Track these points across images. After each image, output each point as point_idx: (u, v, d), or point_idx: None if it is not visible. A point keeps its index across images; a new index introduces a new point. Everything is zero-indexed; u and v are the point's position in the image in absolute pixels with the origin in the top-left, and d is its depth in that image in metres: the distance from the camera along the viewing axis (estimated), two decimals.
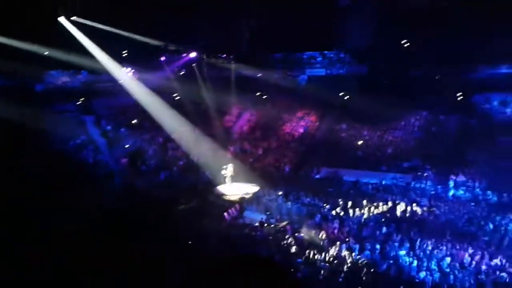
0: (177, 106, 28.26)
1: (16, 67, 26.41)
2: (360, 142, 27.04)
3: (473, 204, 20.38)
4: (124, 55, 29.44)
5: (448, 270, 14.46)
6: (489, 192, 21.28)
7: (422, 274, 14.30)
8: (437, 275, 14.20)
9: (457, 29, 22.91)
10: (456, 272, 14.28)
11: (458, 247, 15.80)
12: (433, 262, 14.88)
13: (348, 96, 29.23)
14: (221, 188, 21.85)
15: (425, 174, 23.47)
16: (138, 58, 29.32)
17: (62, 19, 26.37)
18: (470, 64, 25.49)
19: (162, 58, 30.04)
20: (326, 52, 29.73)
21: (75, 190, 16.03)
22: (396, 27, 24.95)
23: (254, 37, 28.75)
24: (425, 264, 14.82)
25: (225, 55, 30.92)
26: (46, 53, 26.92)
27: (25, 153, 20.31)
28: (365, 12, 26.36)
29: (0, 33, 24.64)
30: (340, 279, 14.11)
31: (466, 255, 15.29)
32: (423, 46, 25.63)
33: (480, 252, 15.34)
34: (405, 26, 24.71)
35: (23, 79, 27.31)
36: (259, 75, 31.47)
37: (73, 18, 26.67)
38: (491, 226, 17.54)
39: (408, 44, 26.30)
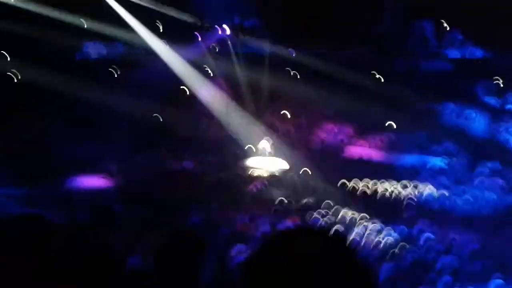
0: (210, 82, 28.47)
1: (56, 37, 27.10)
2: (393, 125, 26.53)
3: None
4: (160, 28, 29.77)
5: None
6: None
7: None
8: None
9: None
10: None
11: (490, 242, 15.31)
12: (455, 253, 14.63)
13: (377, 79, 28.78)
14: (249, 162, 22.04)
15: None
16: (173, 33, 29.55)
17: None
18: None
19: (197, 34, 30.12)
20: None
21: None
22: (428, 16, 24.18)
23: (286, 20, 28.59)
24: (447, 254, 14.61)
25: (259, 33, 30.80)
26: (84, 24, 27.50)
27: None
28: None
29: (40, 2, 25.34)
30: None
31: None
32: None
33: None
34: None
35: (62, 48, 28.03)
36: (294, 54, 31.32)
37: None
38: None
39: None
